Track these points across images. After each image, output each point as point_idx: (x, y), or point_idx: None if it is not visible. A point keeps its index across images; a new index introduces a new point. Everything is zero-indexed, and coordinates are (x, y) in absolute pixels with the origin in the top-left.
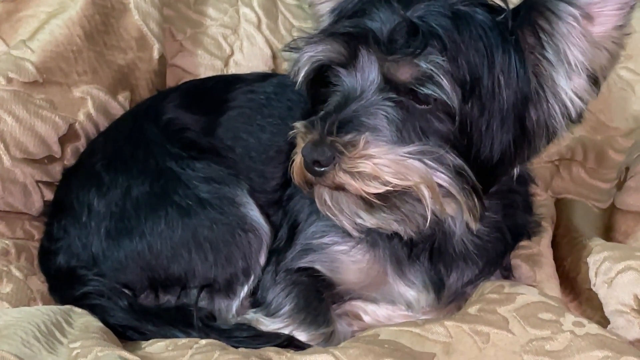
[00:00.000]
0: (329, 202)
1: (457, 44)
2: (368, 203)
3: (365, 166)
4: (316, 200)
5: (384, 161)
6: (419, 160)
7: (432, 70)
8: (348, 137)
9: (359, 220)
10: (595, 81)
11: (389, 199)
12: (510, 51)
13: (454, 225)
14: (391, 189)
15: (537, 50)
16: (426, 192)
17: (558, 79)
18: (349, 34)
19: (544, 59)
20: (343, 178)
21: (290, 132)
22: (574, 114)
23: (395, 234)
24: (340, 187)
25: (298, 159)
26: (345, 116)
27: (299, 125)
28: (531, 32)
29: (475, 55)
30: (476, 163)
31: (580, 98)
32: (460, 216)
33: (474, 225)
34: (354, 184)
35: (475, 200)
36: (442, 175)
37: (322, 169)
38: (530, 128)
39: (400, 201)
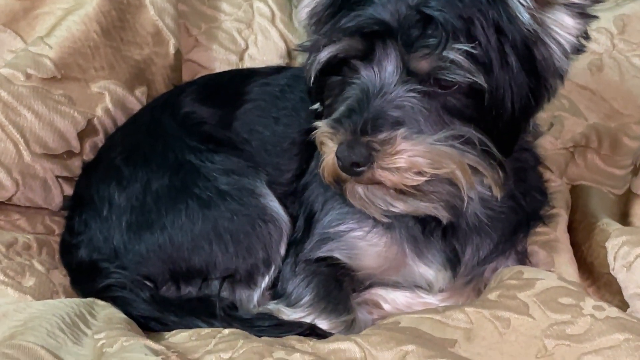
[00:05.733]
0: (362, 197)
1: (466, 20)
2: (402, 192)
3: (403, 161)
4: (348, 195)
5: (419, 153)
6: (450, 145)
7: (459, 58)
8: (383, 135)
9: (392, 209)
10: (581, 10)
11: (422, 187)
12: (500, 10)
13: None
14: (428, 178)
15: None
16: (460, 175)
17: (543, 21)
18: (363, 30)
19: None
20: (382, 174)
21: (312, 133)
22: (569, 49)
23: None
24: (376, 182)
25: (329, 159)
26: (374, 113)
27: (322, 125)
28: None
29: (482, 25)
30: (498, 128)
31: (569, 33)
32: (475, 189)
33: (498, 194)
34: (392, 179)
35: (500, 172)
36: (471, 156)
37: (360, 169)
38: (541, 71)
39: (433, 186)
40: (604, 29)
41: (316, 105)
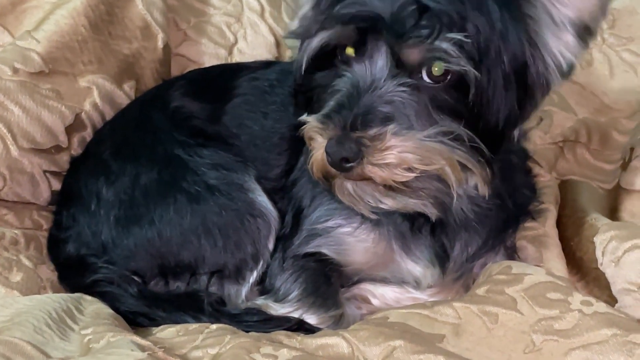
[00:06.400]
0: (351, 193)
1: (463, 16)
2: (391, 189)
3: (392, 157)
4: (337, 191)
5: (409, 149)
6: (440, 142)
7: (451, 48)
8: (373, 131)
9: (381, 205)
10: (586, 32)
11: (411, 183)
12: (505, 16)
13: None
14: (418, 174)
15: (526, 11)
16: (450, 172)
17: (548, 37)
18: (356, 20)
19: (534, 19)
20: (371, 170)
21: (301, 128)
22: (565, 68)
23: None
24: (365, 178)
25: (318, 154)
26: (364, 108)
27: (312, 120)
28: None
29: (479, 25)
30: (485, 131)
31: (570, 52)
32: (463, 186)
33: (486, 191)
34: (382, 175)
35: (488, 170)
36: (461, 153)
37: (350, 165)
38: (530, 85)
39: (422, 183)
40: None
41: (304, 117)
